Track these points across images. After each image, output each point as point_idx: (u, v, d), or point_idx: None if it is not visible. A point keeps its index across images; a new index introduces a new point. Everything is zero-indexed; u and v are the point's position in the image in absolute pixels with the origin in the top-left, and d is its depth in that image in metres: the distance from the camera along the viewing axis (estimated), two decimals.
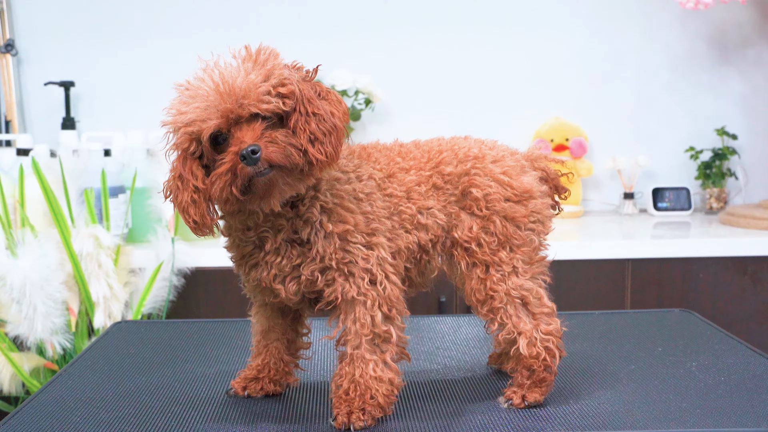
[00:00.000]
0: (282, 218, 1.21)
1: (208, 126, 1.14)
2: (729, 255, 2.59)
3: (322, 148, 1.16)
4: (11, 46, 3.01)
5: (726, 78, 3.23)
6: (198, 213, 1.17)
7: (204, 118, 1.14)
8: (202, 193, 1.17)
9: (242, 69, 1.15)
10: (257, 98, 1.14)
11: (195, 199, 1.17)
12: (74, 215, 2.37)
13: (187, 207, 1.18)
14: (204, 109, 1.14)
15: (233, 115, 1.14)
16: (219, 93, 1.14)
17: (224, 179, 1.14)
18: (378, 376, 1.24)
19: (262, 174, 1.13)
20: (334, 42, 3.11)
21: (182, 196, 1.18)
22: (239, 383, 1.37)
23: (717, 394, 1.35)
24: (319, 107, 1.18)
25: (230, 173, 1.13)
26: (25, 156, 2.60)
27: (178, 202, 1.19)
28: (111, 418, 1.26)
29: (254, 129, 1.14)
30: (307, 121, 1.16)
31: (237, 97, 1.13)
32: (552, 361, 1.31)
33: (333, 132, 1.17)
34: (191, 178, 1.17)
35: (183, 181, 1.18)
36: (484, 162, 1.33)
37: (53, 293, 2.24)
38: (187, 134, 1.16)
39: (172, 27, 3.09)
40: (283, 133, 1.15)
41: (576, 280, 2.54)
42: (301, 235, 1.22)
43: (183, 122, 1.15)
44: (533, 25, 3.18)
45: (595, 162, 3.20)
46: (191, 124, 1.15)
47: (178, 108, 1.16)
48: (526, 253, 1.32)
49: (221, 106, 1.14)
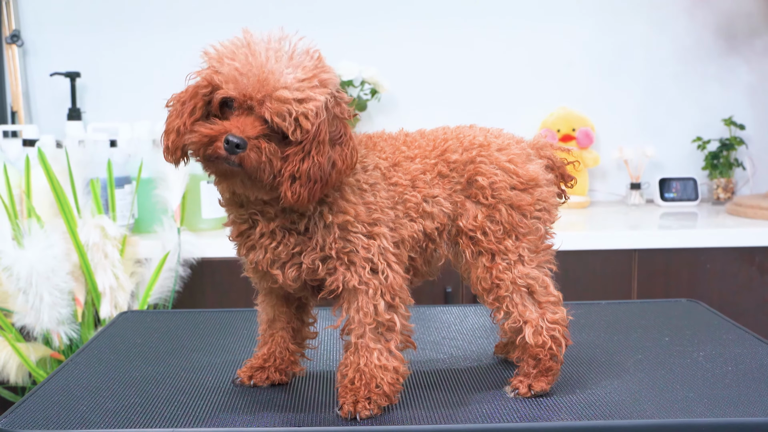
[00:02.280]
0: (270, 207, 1.21)
1: (226, 89, 1.15)
2: (736, 245, 2.58)
3: (298, 190, 1.16)
4: (17, 37, 3.01)
5: (733, 68, 3.21)
6: (174, 143, 1.19)
7: (230, 80, 1.15)
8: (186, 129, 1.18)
9: (293, 75, 1.14)
10: (278, 110, 1.13)
11: (180, 129, 1.18)
12: (80, 206, 2.37)
13: (171, 132, 1.19)
14: (237, 76, 1.14)
15: (250, 102, 1.14)
16: (258, 78, 1.14)
17: (201, 138, 1.15)
18: (383, 364, 1.24)
19: (229, 163, 1.14)
20: (341, 33, 3.10)
21: (174, 121, 1.19)
22: (245, 372, 1.37)
23: (724, 384, 1.34)
24: (324, 153, 1.16)
25: (208, 138, 1.15)
26: (31, 147, 2.60)
27: (168, 121, 1.20)
28: (117, 407, 1.26)
29: (256, 126, 1.14)
30: (303, 159, 1.16)
31: (265, 94, 1.13)
32: (558, 350, 1.31)
33: (320, 181, 1.17)
34: (188, 112, 1.18)
35: (183, 108, 1.18)
36: (490, 150, 1.33)
37: (59, 283, 2.24)
38: (209, 78, 1.16)
39: (178, 18, 3.09)
40: (272, 149, 1.14)
41: (583, 271, 2.53)
42: (298, 226, 1.21)
43: (216, 68, 1.16)
44: (540, 15, 3.17)
45: (602, 152, 3.19)
46: (218, 75, 1.16)
47: (224, 53, 1.16)
48: (532, 242, 1.32)
49: (248, 88, 1.14)
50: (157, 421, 1.21)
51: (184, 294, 2.47)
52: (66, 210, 2.32)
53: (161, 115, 2.94)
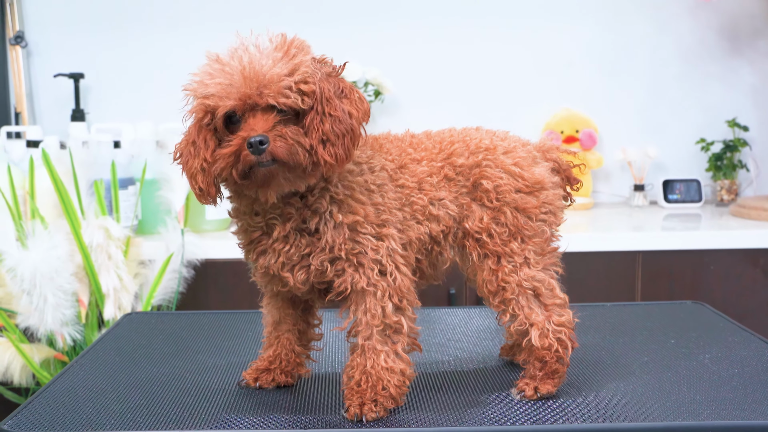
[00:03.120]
0: (291, 207, 1.21)
1: (224, 105, 1.15)
2: (740, 247, 2.58)
3: (333, 150, 1.16)
4: (21, 38, 3.01)
5: (737, 69, 3.21)
6: (205, 181, 1.19)
7: (223, 95, 1.15)
8: (210, 163, 1.18)
9: (271, 57, 1.15)
10: (278, 90, 1.14)
11: (204, 167, 1.18)
12: (84, 207, 2.37)
13: (196, 174, 1.19)
14: (225, 87, 1.15)
15: (251, 101, 1.14)
16: (243, 76, 1.14)
17: (227, 160, 1.15)
18: (389, 366, 1.24)
19: (264, 165, 1.14)
20: (344, 33, 3.10)
21: (192, 162, 1.19)
22: (251, 374, 1.37)
23: (731, 386, 1.34)
24: (337, 108, 1.17)
25: (233, 156, 1.14)
26: (35, 148, 2.60)
27: (188, 167, 1.20)
28: (123, 409, 1.26)
29: (267, 119, 1.14)
30: (322, 120, 1.16)
31: (259, 85, 1.14)
32: (564, 352, 1.31)
33: (347, 134, 1.17)
34: (203, 147, 1.18)
35: (195, 148, 1.19)
36: (496, 153, 1.33)
37: (63, 285, 2.24)
38: (203, 106, 1.17)
39: (182, 19, 3.09)
40: (293, 130, 1.15)
41: (586, 272, 2.53)
42: (309, 224, 1.21)
43: (203, 93, 1.16)
44: (543, 16, 3.16)
45: (605, 154, 3.19)
46: (209, 98, 1.16)
47: (202, 78, 1.17)
48: (538, 244, 1.32)
49: (242, 90, 1.14)
50: (163, 423, 1.21)
51: (187, 295, 2.47)
52: (70, 211, 2.32)
53: (164, 116, 2.93)
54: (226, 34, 1.20)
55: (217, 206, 1.24)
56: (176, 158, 1.23)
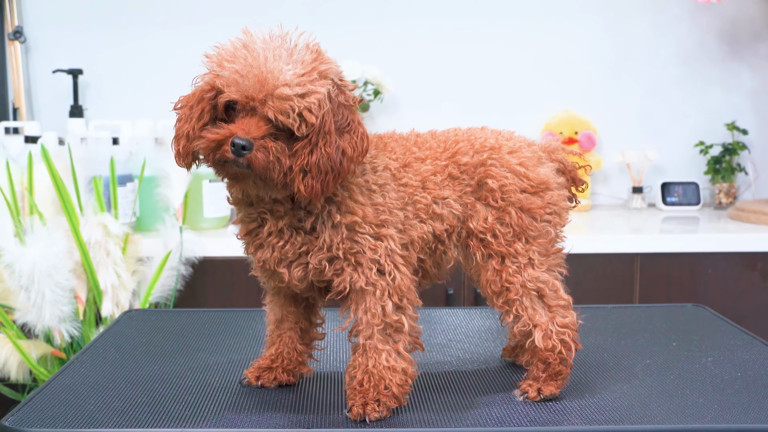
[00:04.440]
0: (280, 205, 1.21)
1: (228, 93, 1.15)
2: (738, 250, 2.58)
3: (310, 182, 1.16)
4: (20, 33, 3.00)
5: (737, 72, 3.21)
6: (185, 147, 1.19)
7: (231, 84, 1.15)
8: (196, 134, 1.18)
9: (293, 71, 1.14)
10: (281, 108, 1.13)
11: (189, 134, 1.18)
12: (83, 203, 2.36)
13: (181, 137, 1.19)
14: (238, 78, 1.14)
15: (252, 104, 1.14)
16: (258, 77, 1.13)
17: (208, 144, 1.15)
18: (391, 366, 1.23)
19: (238, 166, 1.14)
20: (344, 33, 3.09)
21: (182, 126, 1.19)
22: (253, 373, 1.37)
23: (734, 389, 1.34)
24: (331, 144, 1.16)
25: (215, 143, 1.15)
26: (33, 143, 2.59)
27: (177, 127, 1.20)
28: (125, 406, 1.25)
29: (260, 127, 1.14)
30: (311, 152, 1.15)
31: (266, 94, 1.13)
32: (568, 354, 1.30)
33: (331, 172, 1.16)
34: (196, 116, 1.18)
35: (191, 112, 1.19)
36: (501, 153, 1.32)
37: (61, 281, 2.23)
38: (212, 82, 1.17)
39: (181, 16, 3.08)
40: (279, 147, 1.14)
41: (584, 274, 2.53)
42: (305, 224, 1.21)
43: (216, 72, 1.16)
44: (543, 18, 3.16)
45: (604, 156, 3.19)
46: (220, 78, 1.16)
47: (224, 55, 1.16)
48: (542, 245, 1.31)
49: (249, 89, 1.14)
50: (164, 420, 1.21)
51: (185, 293, 2.46)
52: (68, 207, 2.31)
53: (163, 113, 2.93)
54: (227, 33, 1.20)
55: (189, 172, 1.25)
56: (176, 108, 1.22)
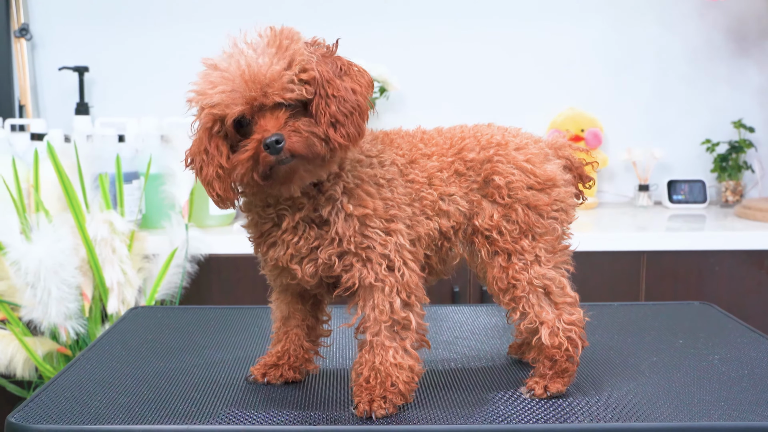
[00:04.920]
0: (304, 196, 1.21)
1: (232, 111, 1.14)
2: (745, 248, 2.57)
3: (344, 131, 1.16)
4: (26, 31, 3.00)
5: (744, 70, 3.20)
6: (222, 188, 1.18)
7: (228, 102, 1.14)
8: (226, 170, 1.17)
9: (266, 55, 1.14)
10: (281, 87, 1.13)
11: (220, 174, 1.17)
12: (89, 201, 2.36)
13: (212, 181, 1.18)
14: (229, 94, 1.13)
15: (257, 103, 1.14)
16: (245, 80, 1.13)
17: (246, 165, 1.14)
18: (398, 363, 1.23)
19: (284, 162, 1.13)
20: (349, 31, 3.07)
21: (207, 170, 1.18)
22: (259, 370, 1.36)
23: (741, 387, 1.34)
24: (339, 87, 1.17)
25: (252, 160, 1.14)
26: (39, 141, 2.59)
27: (203, 175, 1.19)
28: (131, 403, 1.25)
29: (278, 117, 1.13)
30: (327, 104, 1.15)
31: (262, 86, 1.13)
32: (574, 351, 1.30)
33: (355, 111, 1.17)
34: (216, 154, 1.17)
35: (208, 156, 1.18)
36: (507, 149, 1.32)
37: (67, 278, 2.24)
38: (211, 115, 1.16)
39: (186, 13, 3.08)
40: (305, 122, 1.14)
41: (590, 272, 2.52)
42: (321, 212, 1.21)
43: (208, 104, 1.15)
44: (550, 16, 3.16)
45: (610, 153, 3.18)
46: (215, 107, 1.14)
47: (203, 88, 1.16)
48: (549, 242, 1.31)
49: (246, 94, 1.13)
50: (170, 417, 1.21)
51: (191, 290, 2.47)
52: (74, 204, 2.31)
53: (169, 111, 2.92)
54: (231, 30, 1.19)
55: (236, 208, 1.24)
56: (188, 164, 1.22)
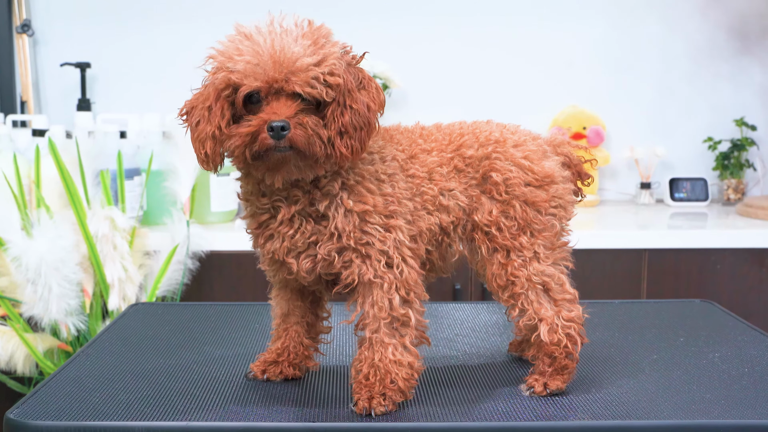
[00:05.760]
0: (298, 189, 1.21)
1: (249, 84, 1.15)
2: (746, 246, 2.57)
3: (350, 142, 1.17)
4: (27, 27, 3.00)
5: (746, 68, 3.20)
6: (213, 149, 1.18)
7: (249, 74, 1.14)
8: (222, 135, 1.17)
9: (301, 44, 1.15)
10: (306, 80, 1.14)
11: (216, 135, 1.17)
12: (90, 197, 2.36)
13: (206, 140, 1.18)
14: (253, 67, 1.14)
15: (277, 85, 1.14)
16: (273, 59, 1.14)
17: (243, 139, 1.15)
18: (397, 359, 1.23)
19: (280, 150, 1.14)
20: (352, 28, 3.07)
21: (204, 127, 1.18)
22: (258, 366, 1.37)
23: (741, 385, 1.33)
24: (357, 100, 1.18)
25: (251, 136, 1.14)
26: (41, 137, 2.59)
27: (198, 130, 1.19)
28: (130, 399, 1.25)
29: (290, 106, 1.14)
30: (342, 112, 1.17)
31: (288, 72, 1.14)
32: (574, 348, 1.30)
33: (364, 127, 1.18)
34: (218, 115, 1.17)
35: (210, 113, 1.18)
36: (505, 146, 1.32)
37: (68, 274, 2.24)
38: (227, 79, 1.16)
39: (189, 10, 3.08)
40: (314, 121, 1.15)
41: (592, 270, 2.52)
42: (318, 207, 1.21)
43: (230, 68, 1.15)
44: (552, 14, 3.15)
45: (612, 151, 3.18)
46: (235, 73, 1.15)
47: (230, 52, 1.16)
48: (548, 239, 1.31)
49: (270, 73, 1.14)
50: (170, 413, 1.21)
51: (192, 287, 2.47)
52: (75, 201, 2.31)
53: (171, 107, 2.91)
54: (232, 26, 1.19)
55: (216, 174, 1.24)
56: (183, 114, 1.22)
